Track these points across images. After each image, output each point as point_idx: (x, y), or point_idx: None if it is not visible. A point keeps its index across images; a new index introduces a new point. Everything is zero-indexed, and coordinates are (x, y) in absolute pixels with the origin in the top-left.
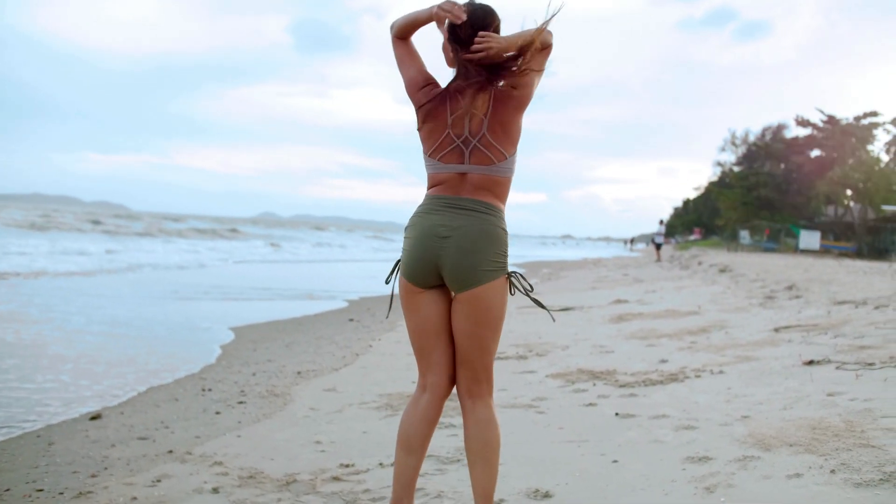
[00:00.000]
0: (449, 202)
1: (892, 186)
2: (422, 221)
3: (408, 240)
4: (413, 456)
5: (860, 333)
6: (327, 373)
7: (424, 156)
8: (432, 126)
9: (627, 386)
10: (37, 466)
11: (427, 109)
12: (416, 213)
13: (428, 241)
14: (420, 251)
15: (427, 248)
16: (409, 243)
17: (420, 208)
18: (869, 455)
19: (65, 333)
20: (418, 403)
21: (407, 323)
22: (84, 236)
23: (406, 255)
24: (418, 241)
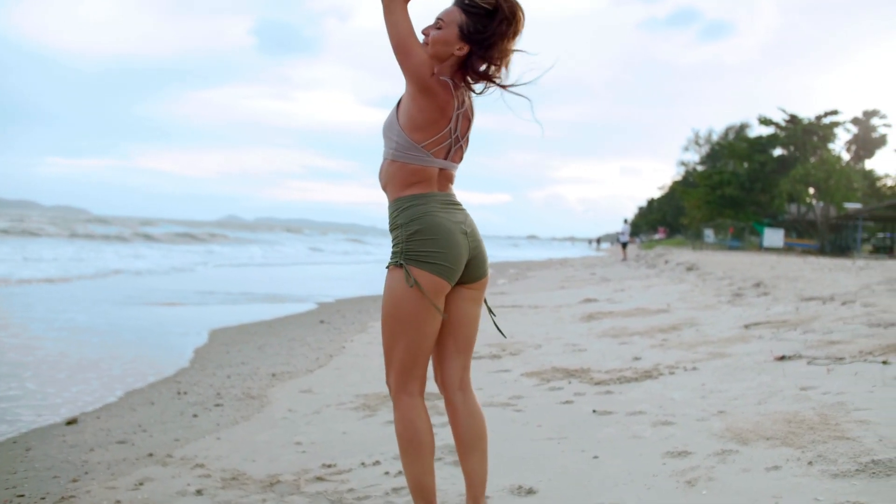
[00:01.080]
0: (449, 199)
1: (853, 184)
2: (445, 219)
3: (438, 240)
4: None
5: (829, 329)
6: (302, 374)
7: (413, 145)
8: (437, 118)
9: (602, 383)
10: (15, 472)
11: (443, 101)
12: (426, 210)
13: (461, 239)
14: (457, 250)
15: (461, 245)
16: (443, 244)
17: (428, 207)
18: (844, 447)
19: (32, 340)
20: (422, 407)
21: (422, 328)
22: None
23: (444, 255)
24: (453, 239)
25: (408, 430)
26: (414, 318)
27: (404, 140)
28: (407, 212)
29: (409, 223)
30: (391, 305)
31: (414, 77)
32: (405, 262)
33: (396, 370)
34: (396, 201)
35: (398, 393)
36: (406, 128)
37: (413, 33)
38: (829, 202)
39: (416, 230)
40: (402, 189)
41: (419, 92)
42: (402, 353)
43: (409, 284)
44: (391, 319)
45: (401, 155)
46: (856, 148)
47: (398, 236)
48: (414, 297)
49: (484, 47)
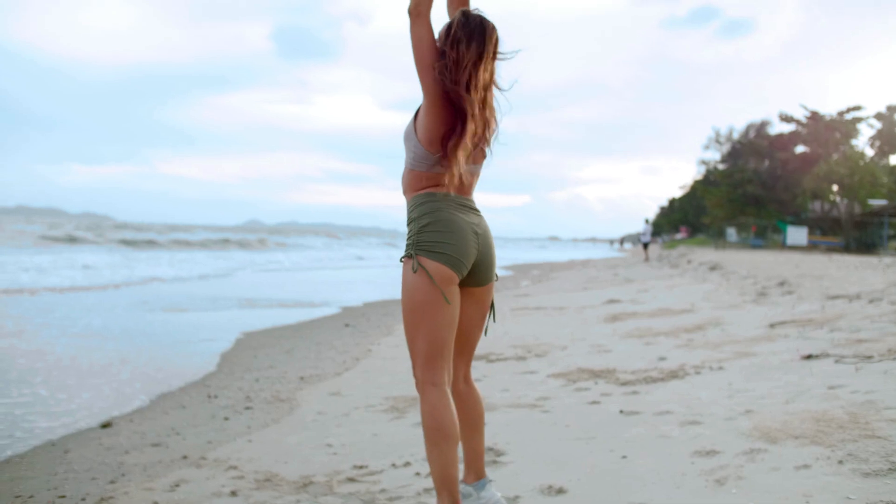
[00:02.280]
0: (464, 202)
1: (878, 180)
2: (458, 216)
3: (448, 233)
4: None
5: (856, 327)
6: (330, 377)
7: (430, 155)
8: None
9: (629, 384)
10: (56, 474)
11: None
12: (438, 207)
13: (471, 237)
14: (466, 244)
15: (470, 242)
16: (452, 236)
17: (442, 203)
18: (875, 445)
19: (66, 345)
20: (448, 398)
21: (437, 316)
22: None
23: (453, 247)
24: (463, 234)
25: (435, 421)
26: (427, 306)
27: (422, 151)
28: (420, 207)
29: (421, 216)
30: (406, 297)
31: (429, 91)
32: (415, 252)
33: (421, 361)
34: (413, 198)
35: (424, 384)
36: (423, 140)
37: (433, 48)
38: (854, 199)
39: (428, 222)
40: (419, 188)
41: (432, 106)
42: (422, 344)
43: (413, 270)
44: (407, 310)
45: (419, 164)
46: (880, 143)
47: (411, 230)
48: (424, 286)
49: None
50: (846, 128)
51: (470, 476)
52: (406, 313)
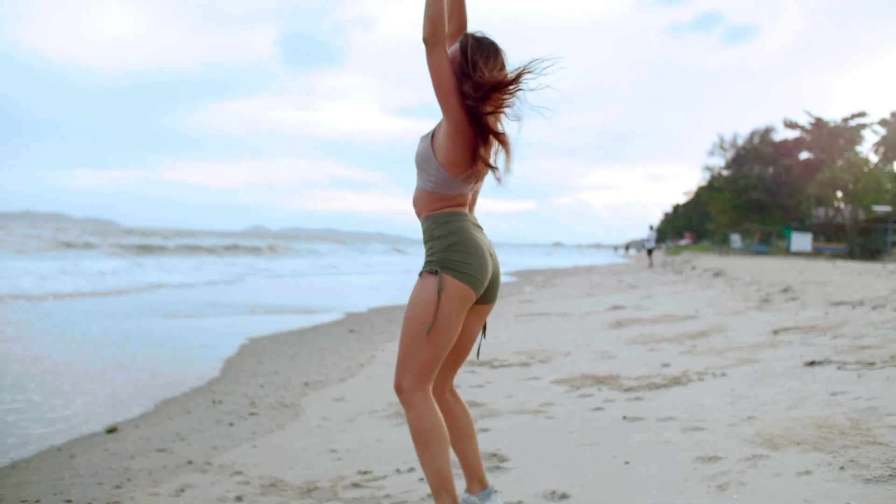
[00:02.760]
0: (476, 223)
1: (882, 187)
2: (479, 237)
3: (472, 254)
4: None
5: (859, 334)
6: (334, 383)
7: (452, 178)
8: (473, 154)
9: (632, 390)
10: (62, 479)
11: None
12: (462, 227)
13: (488, 257)
14: (486, 264)
15: (489, 262)
16: (476, 258)
17: (465, 224)
18: (877, 452)
19: (71, 351)
20: (433, 401)
21: (447, 335)
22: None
23: (476, 267)
24: (483, 255)
25: (426, 423)
26: (442, 323)
27: (444, 175)
28: (445, 226)
29: (447, 235)
30: (420, 310)
31: (453, 117)
32: (441, 270)
33: (416, 371)
34: (433, 216)
35: (414, 392)
36: (445, 164)
37: (451, 74)
38: (858, 205)
39: (455, 242)
40: (437, 207)
41: (457, 132)
42: (426, 357)
43: (438, 287)
44: (418, 323)
45: (442, 188)
46: (884, 150)
47: (434, 247)
48: (446, 304)
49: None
50: (850, 134)
51: (474, 486)
52: (414, 325)
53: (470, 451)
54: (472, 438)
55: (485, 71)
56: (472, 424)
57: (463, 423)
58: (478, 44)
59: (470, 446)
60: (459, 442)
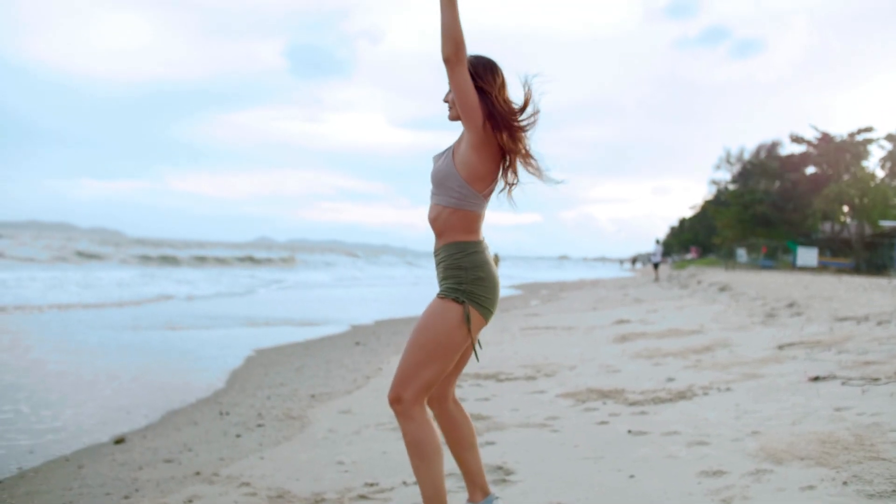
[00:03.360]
0: (488, 248)
1: (889, 202)
2: (493, 268)
3: (493, 289)
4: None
5: (864, 349)
6: (340, 395)
7: (475, 193)
8: (495, 168)
9: (637, 404)
10: (70, 489)
11: (497, 151)
12: (486, 260)
13: (500, 289)
14: (497, 300)
15: (499, 296)
16: (495, 293)
17: (486, 255)
18: (880, 467)
19: (78, 362)
20: (428, 414)
21: (454, 358)
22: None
23: (493, 302)
24: (498, 292)
25: (424, 435)
26: (456, 349)
27: (467, 190)
28: (472, 257)
29: (474, 268)
30: (442, 333)
31: (479, 132)
32: (467, 300)
33: (418, 387)
34: (459, 244)
35: (413, 405)
36: (468, 179)
37: (475, 90)
38: (864, 220)
39: (482, 277)
40: (463, 234)
41: (482, 145)
42: (430, 375)
43: (465, 321)
44: (436, 345)
45: (464, 203)
46: (890, 165)
47: (460, 276)
48: (464, 332)
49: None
50: (857, 149)
51: (476, 494)
52: (427, 344)
53: (472, 460)
54: (474, 447)
55: (493, 88)
56: (473, 433)
57: (465, 431)
58: (476, 59)
59: (472, 455)
60: (462, 450)
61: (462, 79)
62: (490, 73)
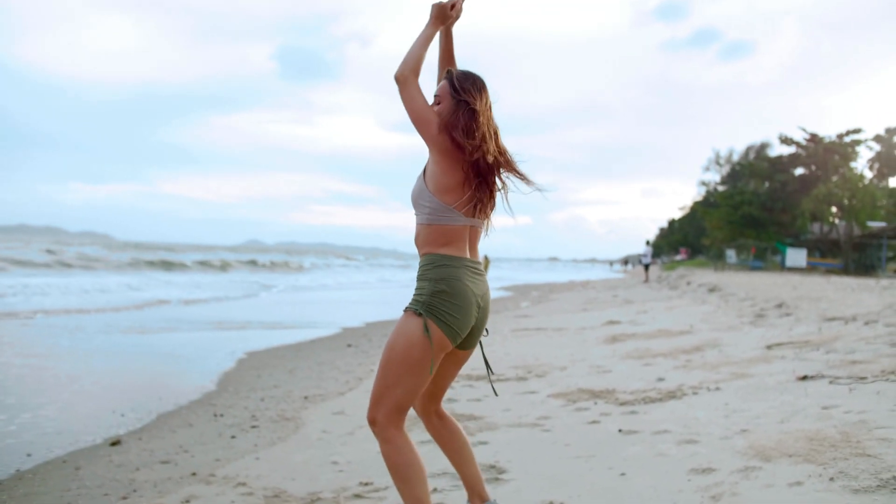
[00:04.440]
0: (476, 268)
1: (877, 203)
2: (469, 288)
3: (457, 307)
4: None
5: (851, 349)
6: (334, 397)
7: (445, 207)
8: (462, 178)
9: (628, 404)
10: (68, 490)
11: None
12: (455, 275)
13: (474, 311)
14: (469, 319)
15: (472, 316)
16: (461, 311)
17: (459, 272)
18: (865, 463)
19: (73, 366)
20: (407, 434)
21: (422, 377)
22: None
23: (458, 321)
24: (469, 309)
25: (403, 457)
26: (420, 366)
27: (436, 204)
28: (439, 269)
29: (438, 280)
30: (400, 348)
31: (435, 142)
32: (425, 314)
33: (389, 408)
34: (430, 255)
35: (387, 427)
36: (436, 192)
37: (427, 104)
38: (853, 221)
39: (443, 290)
40: (437, 247)
41: (442, 155)
42: (400, 395)
43: (423, 334)
44: (397, 360)
45: (435, 218)
46: (879, 165)
47: (424, 287)
48: (424, 348)
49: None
50: (845, 150)
51: (474, 500)
52: (393, 362)
53: (467, 469)
54: (468, 456)
55: (477, 101)
56: (464, 444)
57: (453, 443)
58: (465, 75)
59: (466, 464)
60: (454, 462)
61: (410, 96)
62: (475, 89)
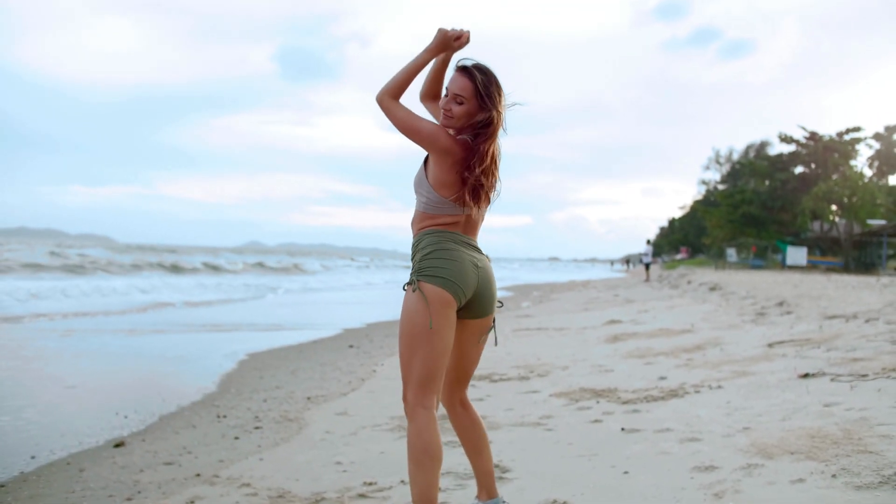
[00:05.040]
0: (469, 241)
1: (877, 201)
2: (460, 249)
3: (448, 260)
4: (440, 468)
5: (852, 346)
6: (336, 398)
7: (443, 199)
8: (460, 174)
9: (630, 403)
10: (73, 491)
11: (462, 158)
12: (443, 241)
13: (470, 267)
14: (465, 272)
15: (469, 271)
16: (453, 265)
17: (446, 236)
18: (867, 460)
19: (77, 368)
20: (436, 421)
21: (433, 342)
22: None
23: (452, 272)
24: (462, 263)
25: (423, 442)
26: (425, 331)
27: (434, 196)
28: (427, 238)
29: (425, 247)
30: (405, 321)
31: (431, 146)
32: (417, 277)
33: (415, 384)
34: (420, 233)
35: (415, 406)
36: (434, 186)
37: (411, 113)
38: (853, 219)
39: (431, 251)
40: (427, 225)
41: (440, 156)
42: (419, 367)
43: (413, 290)
44: (407, 335)
45: (432, 208)
46: (878, 164)
47: (415, 258)
48: (424, 311)
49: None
50: (845, 148)
51: (482, 494)
52: (403, 337)
53: (479, 462)
54: (484, 450)
55: (499, 104)
56: (482, 437)
57: (472, 435)
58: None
59: (481, 457)
60: (469, 452)
61: (391, 115)
62: (500, 95)
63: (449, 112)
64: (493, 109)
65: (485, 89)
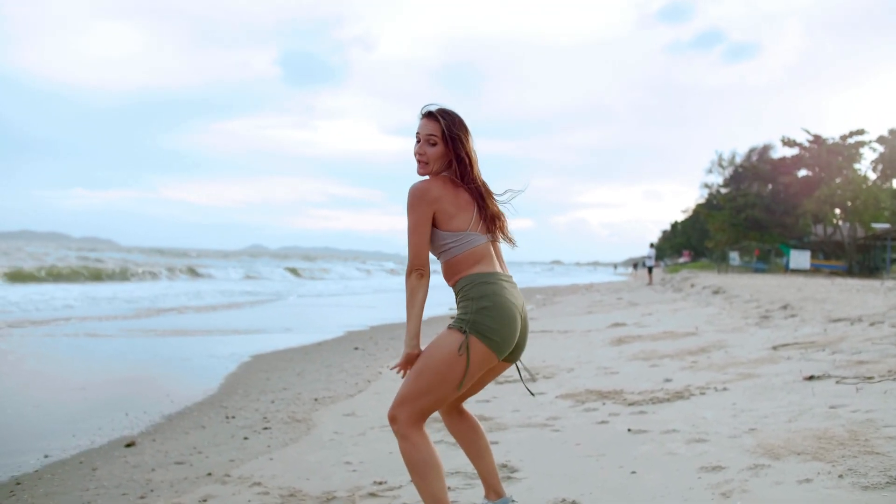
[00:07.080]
0: (510, 280)
1: (881, 204)
2: (510, 302)
3: (502, 319)
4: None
5: (857, 349)
6: (343, 399)
7: (456, 235)
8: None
9: (636, 404)
10: (87, 490)
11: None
12: (495, 291)
13: (517, 324)
14: (514, 331)
15: (516, 329)
16: (508, 325)
17: (497, 287)
18: (874, 461)
19: (88, 370)
20: (426, 433)
21: (449, 383)
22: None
23: (505, 335)
24: (514, 322)
25: (421, 454)
26: (455, 380)
27: (448, 236)
28: (479, 288)
29: (480, 298)
30: (438, 360)
31: (430, 205)
32: (469, 331)
33: (414, 411)
34: (466, 278)
35: (409, 428)
36: (442, 227)
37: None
38: (857, 223)
39: (487, 306)
40: (470, 269)
41: (437, 203)
42: (427, 402)
43: (460, 347)
44: (432, 372)
45: (454, 250)
46: (882, 167)
47: (468, 306)
48: (461, 365)
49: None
50: (849, 151)
51: (490, 495)
52: (427, 371)
53: (483, 465)
54: (485, 453)
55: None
56: (481, 440)
57: (471, 440)
58: (453, 119)
59: (482, 461)
60: (471, 457)
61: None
62: (465, 135)
63: (423, 156)
64: (462, 151)
65: (449, 132)
